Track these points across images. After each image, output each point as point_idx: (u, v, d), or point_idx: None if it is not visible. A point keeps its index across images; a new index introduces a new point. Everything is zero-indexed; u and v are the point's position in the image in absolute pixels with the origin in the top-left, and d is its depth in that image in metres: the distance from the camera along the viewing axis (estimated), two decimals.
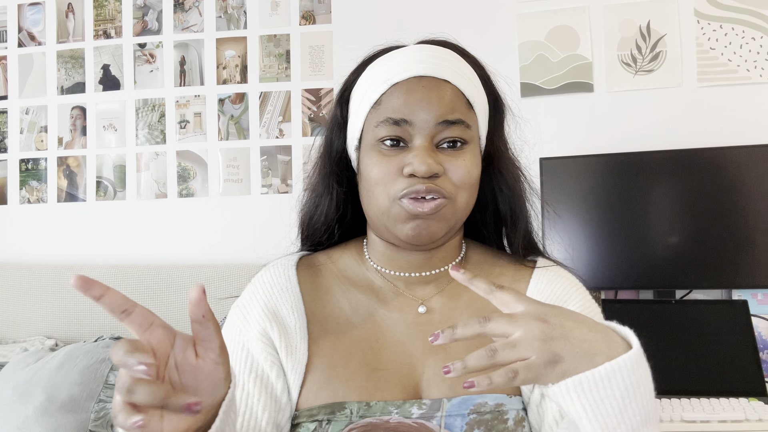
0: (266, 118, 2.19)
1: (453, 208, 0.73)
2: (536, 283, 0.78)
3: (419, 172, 0.70)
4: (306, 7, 2.18)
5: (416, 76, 0.74)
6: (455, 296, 0.78)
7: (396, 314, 0.77)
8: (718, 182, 1.73)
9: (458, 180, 0.73)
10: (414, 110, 0.73)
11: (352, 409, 0.70)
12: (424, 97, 0.73)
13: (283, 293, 0.79)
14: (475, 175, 0.75)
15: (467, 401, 0.70)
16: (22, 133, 2.34)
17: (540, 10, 2.03)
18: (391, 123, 0.73)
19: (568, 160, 1.83)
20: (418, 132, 0.73)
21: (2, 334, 2.12)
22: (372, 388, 0.72)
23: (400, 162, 0.73)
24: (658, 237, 1.78)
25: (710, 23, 1.92)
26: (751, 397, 1.43)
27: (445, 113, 0.73)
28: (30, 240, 2.30)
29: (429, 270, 0.79)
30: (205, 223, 2.21)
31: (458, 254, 0.82)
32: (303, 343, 0.75)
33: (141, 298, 2.10)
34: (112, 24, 2.30)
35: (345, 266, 0.83)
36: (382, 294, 0.79)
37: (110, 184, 2.28)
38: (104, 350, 1.64)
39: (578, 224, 1.80)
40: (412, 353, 0.75)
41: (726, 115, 1.89)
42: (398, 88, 0.74)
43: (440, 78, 0.74)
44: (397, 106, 0.73)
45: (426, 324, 0.77)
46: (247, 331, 0.77)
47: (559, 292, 0.77)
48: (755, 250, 1.70)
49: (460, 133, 0.74)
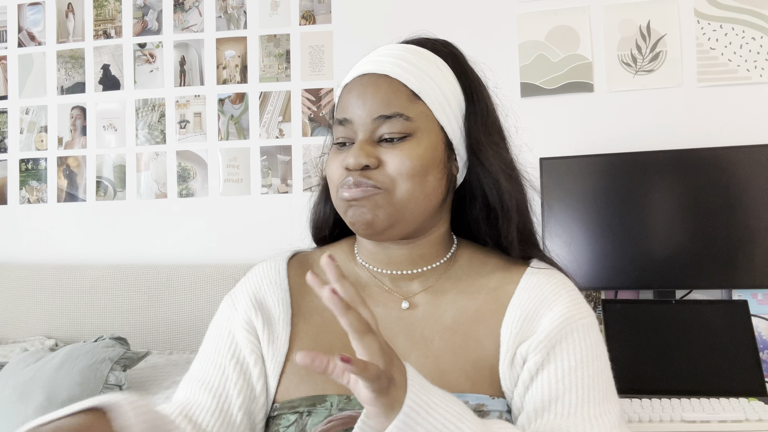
0: (266, 118, 2.19)
1: (388, 198, 0.73)
2: (525, 282, 0.77)
3: (349, 165, 0.73)
4: (306, 7, 2.18)
5: (359, 75, 0.76)
6: (440, 293, 0.79)
7: (380, 309, 0.78)
8: (718, 182, 1.73)
9: (394, 170, 0.72)
10: (352, 108, 0.75)
11: (333, 401, 0.72)
12: (360, 95, 0.75)
13: (271, 285, 0.82)
14: (416, 165, 0.73)
15: None
16: (22, 133, 2.34)
17: (540, 10, 2.03)
18: (338, 123, 0.76)
19: (567, 160, 1.83)
20: (358, 129, 0.75)
21: (2, 334, 2.12)
22: (352, 383, 0.72)
23: (343, 158, 0.75)
24: (658, 237, 1.78)
25: (710, 23, 1.92)
26: (751, 397, 1.43)
27: (380, 108, 0.73)
28: (30, 240, 2.30)
29: (413, 268, 0.80)
30: (205, 223, 2.21)
31: (446, 253, 0.82)
32: (285, 334, 0.78)
33: (141, 298, 2.12)
34: (112, 24, 2.31)
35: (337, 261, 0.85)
36: (369, 289, 0.80)
37: (110, 184, 2.28)
38: (104, 350, 1.64)
39: (578, 224, 1.80)
40: (394, 347, 0.72)
41: (726, 115, 1.89)
42: (345, 90, 0.78)
43: (379, 73, 0.75)
44: (342, 106, 0.77)
45: (409, 319, 0.78)
46: (234, 318, 0.80)
47: (547, 292, 0.76)
48: (755, 250, 1.70)
49: (399, 127, 0.73)
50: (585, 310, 0.76)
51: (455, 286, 0.79)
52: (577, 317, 0.74)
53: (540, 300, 0.75)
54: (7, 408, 1.55)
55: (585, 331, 0.74)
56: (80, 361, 1.60)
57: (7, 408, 1.55)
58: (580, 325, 0.74)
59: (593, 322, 0.76)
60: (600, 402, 0.70)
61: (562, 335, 0.72)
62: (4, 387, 1.60)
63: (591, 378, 0.71)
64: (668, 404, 1.40)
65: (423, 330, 0.76)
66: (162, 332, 2.04)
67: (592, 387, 0.71)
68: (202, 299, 2.01)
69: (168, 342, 2.03)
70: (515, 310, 0.75)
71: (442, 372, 0.73)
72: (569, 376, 0.71)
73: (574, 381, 0.70)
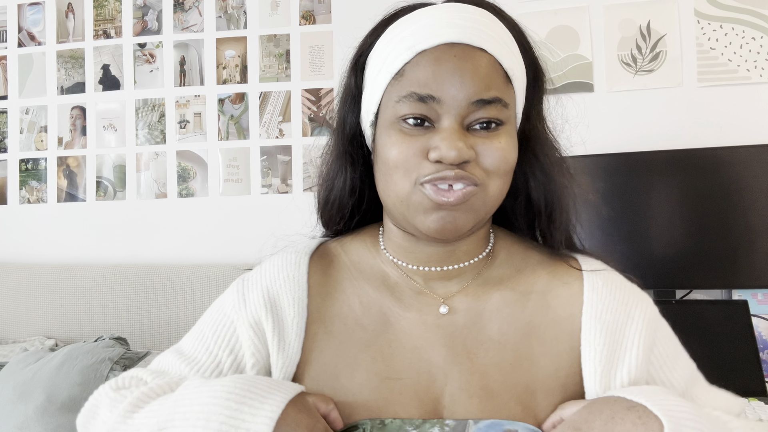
0: (266, 118, 2.19)
1: (483, 198, 0.63)
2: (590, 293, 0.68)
3: (448, 158, 0.60)
4: (306, 7, 2.18)
5: (447, 43, 0.62)
6: (482, 296, 0.68)
7: (413, 314, 0.67)
8: (718, 182, 1.73)
9: (492, 166, 0.62)
10: (443, 85, 0.61)
11: (365, 428, 0.61)
12: (456, 70, 0.61)
13: (288, 282, 0.70)
14: (511, 161, 0.64)
15: (496, 425, 0.60)
16: (22, 133, 2.34)
17: (540, 10, 2.03)
18: (416, 99, 0.62)
19: (567, 160, 1.83)
20: (447, 111, 0.61)
21: (2, 334, 2.12)
22: (382, 402, 0.63)
23: (424, 144, 0.62)
24: (658, 237, 1.78)
25: (710, 23, 1.92)
26: (751, 397, 1.43)
27: (480, 91, 0.61)
28: (30, 240, 2.30)
29: (452, 264, 0.69)
30: (205, 223, 2.21)
31: (486, 246, 0.72)
32: (297, 341, 0.66)
33: (141, 298, 2.12)
34: (112, 24, 2.30)
35: (358, 257, 0.73)
36: (398, 291, 0.69)
37: (110, 184, 2.28)
38: (104, 350, 1.64)
39: (577, 224, 1.80)
40: (431, 361, 0.65)
41: (726, 115, 1.89)
42: (425, 57, 0.62)
43: (475, 46, 0.62)
44: (424, 79, 0.62)
45: (448, 327, 0.66)
46: (241, 311, 0.70)
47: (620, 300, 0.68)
48: (755, 250, 1.70)
49: (496, 114, 0.62)
50: (650, 300, 0.70)
51: (498, 290, 0.69)
52: (652, 313, 0.68)
53: (616, 308, 0.66)
54: (7, 408, 1.55)
55: (660, 321, 0.70)
56: (80, 361, 1.60)
57: (7, 408, 1.55)
58: (657, 318, 0.69)
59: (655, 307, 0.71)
60: (698, 373, 0.70)
61: (653, 339, 0.66)
62: (4, 387, 1.60)
63: (686, 360, 0.70)
64: None
65: (465, 341, 0.66)
66: (162, 332, 2.04)
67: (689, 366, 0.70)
68: (202, 299, 2.01)
69: (168, 342, 2.03)
70: (592, 322, 0.65)
71: (490, 393, 0.63)
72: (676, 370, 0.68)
73: (681, 373, 0.68)
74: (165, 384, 0.67)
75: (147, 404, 0.64)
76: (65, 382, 1.56)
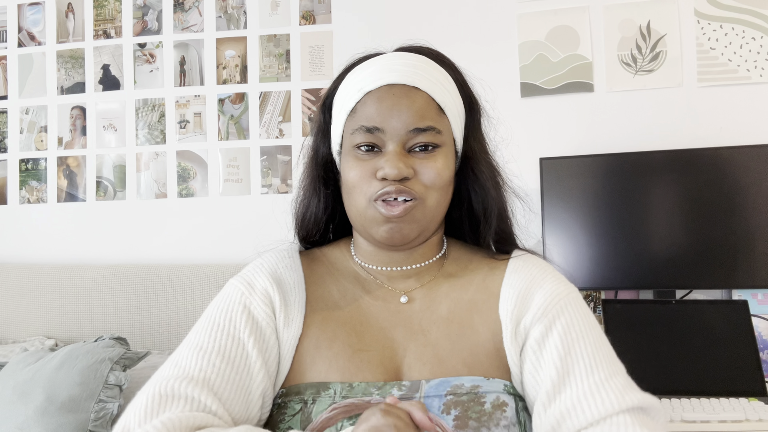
0: (266, 118, 2.19)
1: (423, 209, 0.78)
2: (512, 267, 0.83)
3: (390, 175, 0.75)
4: (306, 7, 2.18)
5: (388, 84, 0.78)
6: (435, 287, 0.83)
7: (379, 303, 0.82)
8: (718, 182, 1.73)
9: (429, 181, 0.77)
10: (385, 118, 0.77)
11: (336, 389, 0.73)
12: (395, 105, 0.77)
13: (288, 269, 0.83)
14: (446, 177, 0.79)
15: (445, 383, 0.74)
16: (22, 133, 2.34)
17: (540, 10, 2.03)
18: (365, 131, 0.77)
19: (568, 160, 1.83)
20: (390, 138, 0.77)
21: (2, 334, 2.12)
22: (354, 369, 0.76)
23: (373, 166, 0.77)
24: (658, 237, 1.78)
25: (710, 23, 1.93)
26: (751, 397, 1.43)
27: (416, 121, 0.77)
28: (30, 240, 2.30)
29: (410, 265, 0.84)
30: (205, 223, 2.21)
31: (439, 251, 0.87)
32: (299, 317, 0.79)
33: (141, 298, 2.12)
34: (112, 24, 2.30)
35: (335, 259, 0.88)
36: (367, 285, 0.84)
37: (110, 184, 2.28)
38: (104, 350, 1.64)
39: (578, 224, 1.80)
40: (393, 338, 0.79)
41: (726, 115, 1.89)
42: (371, 97, 0.78)
43: (411, 85, 0.78)
44: (370, 114, 0.78)
45: (407, 312, 0.81)
46: (252, 295, 0.79)
47: (534, 272, 0.81)
48: (755, 250, 1.70)
49: (431, 139, 0.78)
50: (570, 285, 0.81)
51: (448, 282, 0.84)
52: (565, 292, 0.79)
53: (529, 279, 0.80)
54: (7, 408, 1.55)
55: (576, 304, 0.79)
56: (80, 361, 1.60)
57: (7, 408, 1.55)
58: (571, 299, 0.79)
59: (580, 295, 0.81)
60: (607, 365, 0.73)
61: (558, 310, 0.77)
62: (4, 387, 1.60)
63: (594, 345, 0.75)
64: (668, 404, 1.40)
65: (420, 321, 0.80)
66: (162, 332, 2.04)
67: (597, 353, 0.74)
68: (202, 299, 2.01)
69: (168, 342, 2.03)
70: (508, 290, 0.80)
71: (440, 359, 0.76)
72: (574, 348, 0.74)
73: (580, 352, 0.73)
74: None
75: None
76: (65, 382, 1.56)
